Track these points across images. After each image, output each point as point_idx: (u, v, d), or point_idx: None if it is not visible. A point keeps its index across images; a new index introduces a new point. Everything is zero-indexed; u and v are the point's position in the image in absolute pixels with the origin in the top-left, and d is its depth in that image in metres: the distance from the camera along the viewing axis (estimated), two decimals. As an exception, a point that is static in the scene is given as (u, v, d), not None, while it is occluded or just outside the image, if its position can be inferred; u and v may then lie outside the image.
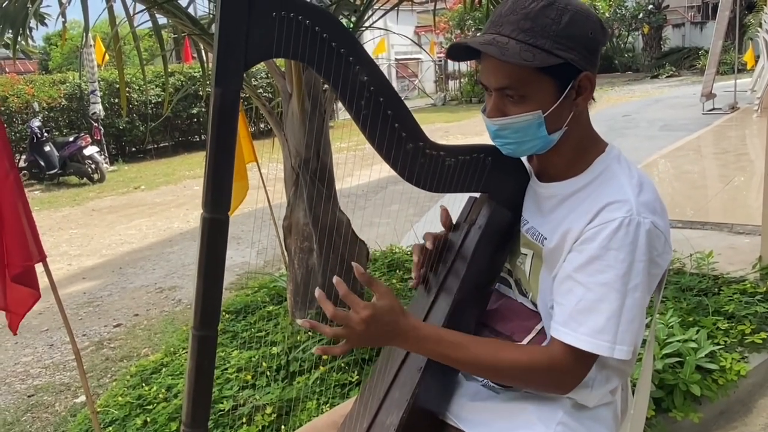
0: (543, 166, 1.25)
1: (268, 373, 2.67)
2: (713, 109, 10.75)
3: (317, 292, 1.08)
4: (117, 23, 2.69)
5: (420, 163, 1.21)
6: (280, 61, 3.39)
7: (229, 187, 1.09)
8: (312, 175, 2.80)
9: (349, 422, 1.33)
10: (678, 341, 2.31)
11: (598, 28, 1.11)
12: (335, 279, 1.08)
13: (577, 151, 1.19)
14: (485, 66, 1.13)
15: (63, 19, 3.14)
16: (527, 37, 1.06)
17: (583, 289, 1.08)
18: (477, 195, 1.36)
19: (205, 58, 3.22)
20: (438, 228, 1.40)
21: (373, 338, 1.10)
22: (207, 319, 1.10)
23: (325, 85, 2.92)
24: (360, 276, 1.11)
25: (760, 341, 2.48)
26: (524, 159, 1.30)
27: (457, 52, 1.16)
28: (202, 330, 1.10)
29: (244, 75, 1.09)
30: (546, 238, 1.19)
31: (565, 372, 1.10)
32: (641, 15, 24.83)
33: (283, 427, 2.32)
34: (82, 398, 3.25)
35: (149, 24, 2.86)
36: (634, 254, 1.05)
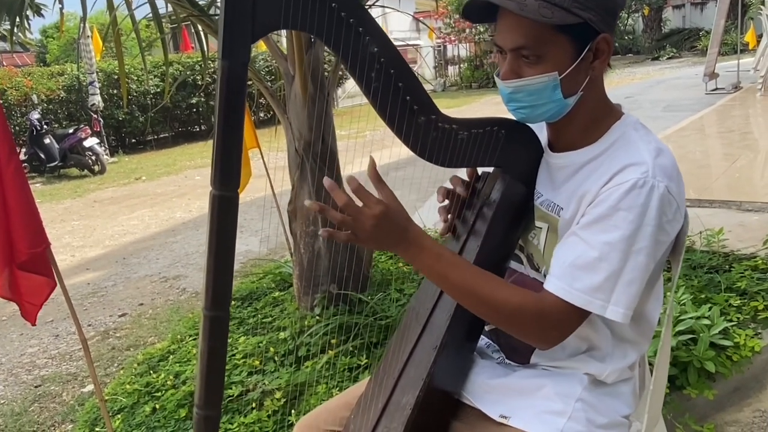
0: (557, 135, 1.22)
1: (276, 359, 2.66)
2: (716, 89, 10.68)
3: (326, 180, 1.07)
4: (115, 8, 2.66)
5: (432, 137, 1.18)
6: (282, 46, 3.35)
7: (239, 164, 1.06)
8: (317, 158, 2.76)
9: (364, 402, 1.30)
10: (691, 318, 2.29)
11: None
12: (348, 177, 1.07)
13: (591, 118, 1.16)
14: (502, 25, 1.10)
15: (60, 6, 3.09)
16: None
17: (585, 245, 1.07)
18: (490, 169, 1.33)
19: (205, 43, 3.18)
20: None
21: (378, 237, 1.08)
22: (218, 299, 1.07)
23: (327, 69, 2.88)
24: (371, 173, 1.11)
25: (773, 317, 2.46)
26: (537, 131, 1.27)
27: (473, 10, 1.13)
28: (214, 310, 1.07)
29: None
30: (562, 208, 1.16)
31: (552, 324, 1.09)
32: (641, -4, 24.66)
33: (292, 411, 2.31)
34: (90, 387, 3.24)
35: (145, 9, 2.82)
36: (643, 217, 1.03)
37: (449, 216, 1.32)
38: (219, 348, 1.10)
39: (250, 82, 2.88)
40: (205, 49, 3.36)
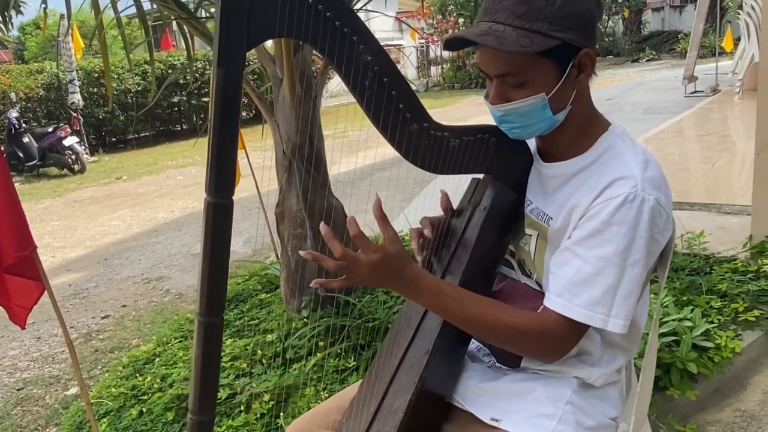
0: (547, 146, 1.24)
1: (264, 361, 2.65)
2: (695, 91, 10.80)
3: (323, 228, 1.09)
4: (101, 9, 2.64)
5: (425, 144, 1.20)
6: (269, 46, 3.34)
7: (233, 171, 1.07)
8: (304, 161, 2.76)
9: (356, 406, 1.31)
10: (673, 320, 2.33)
11: (593, 3, 1.10)
12: (348, 218, 1.09)
13: (580, 128, 1.18)
14: (483, 54, 1.12)
15: (44, 5, 3.05)
16: (523, 23, 1.05)
17: (580, 261, 1.09)
18: (481, 176, 1.34)
19: (191, 44, 3.16)
20: (429, 212, 1.39)
21: (375, 281, 1.11)
22: (213, 305, 1.08)
23: (316, 71, 2.88)
24: (377, 212, 1.12)
25: (753, 319, 2.51)
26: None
27: (454, 43, 1.15)
28: (209, 316, 1.08)
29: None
30: (552, 218, 1.19)
31: (555, 341, 1.11)
32: (621, -1, 24.87)
33: (281, 414, 2.31)
34: (73, 390, 3.21)
35: (130, 11, 2.80)
36: (635, 230, 1.06)
37: (425, 253, 1.32)
38: (213, 353, 1.11)
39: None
40: (191, 49, 3.33)
